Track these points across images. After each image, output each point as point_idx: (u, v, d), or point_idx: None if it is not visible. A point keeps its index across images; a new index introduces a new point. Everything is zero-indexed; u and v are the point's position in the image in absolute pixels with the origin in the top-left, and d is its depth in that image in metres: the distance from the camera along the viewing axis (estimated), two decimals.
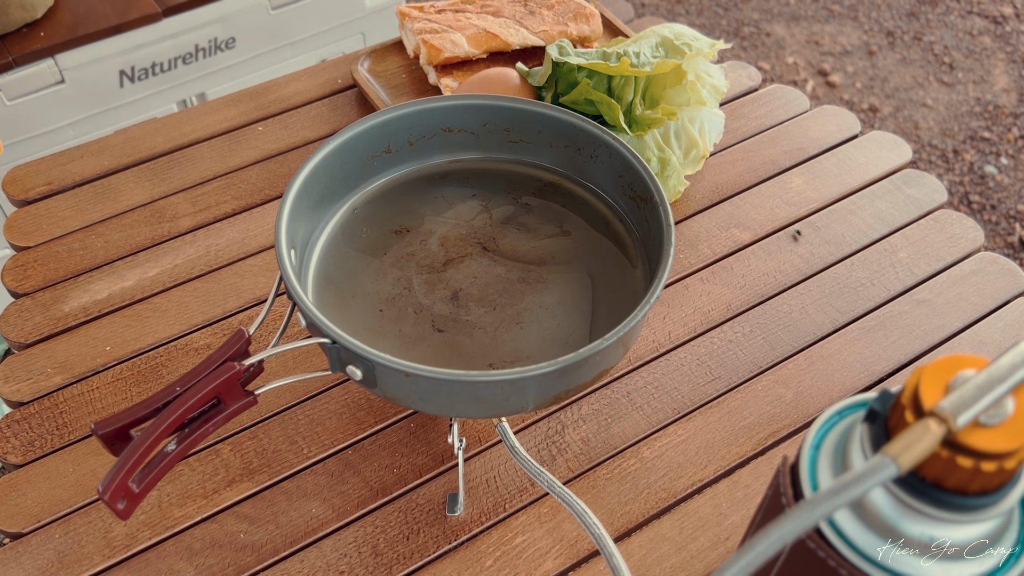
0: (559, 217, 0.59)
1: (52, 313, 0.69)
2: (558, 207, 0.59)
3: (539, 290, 0.54)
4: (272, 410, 0.62)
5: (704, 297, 0.69)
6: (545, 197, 0.60)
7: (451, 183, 0.61)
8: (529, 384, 0.45)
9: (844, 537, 0.30)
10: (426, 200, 0.59)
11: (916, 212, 0.76)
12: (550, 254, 0.56)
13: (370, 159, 0.59)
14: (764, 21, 2.24)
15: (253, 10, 1.28)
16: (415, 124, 0.59)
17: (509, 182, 0.61)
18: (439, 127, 0.60)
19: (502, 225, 0.58)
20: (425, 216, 0.58)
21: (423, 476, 0.58)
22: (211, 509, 0.57)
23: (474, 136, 0.60)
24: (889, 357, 0.65)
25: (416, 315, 0.53)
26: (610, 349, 0.45)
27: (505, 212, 0.59)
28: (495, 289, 0.54)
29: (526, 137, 0.60)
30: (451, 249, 0.56)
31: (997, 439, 0.27)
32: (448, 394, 0.46)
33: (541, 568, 0.54)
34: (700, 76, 0.73)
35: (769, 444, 0.60)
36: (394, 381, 0.45)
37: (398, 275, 0.55)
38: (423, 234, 0.57)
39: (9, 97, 1.14)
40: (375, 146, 0.58)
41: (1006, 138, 1.92)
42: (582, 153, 0.59)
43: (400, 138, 0.59)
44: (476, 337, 0.51)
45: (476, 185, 0.60)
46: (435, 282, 0.54)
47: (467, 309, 0.53)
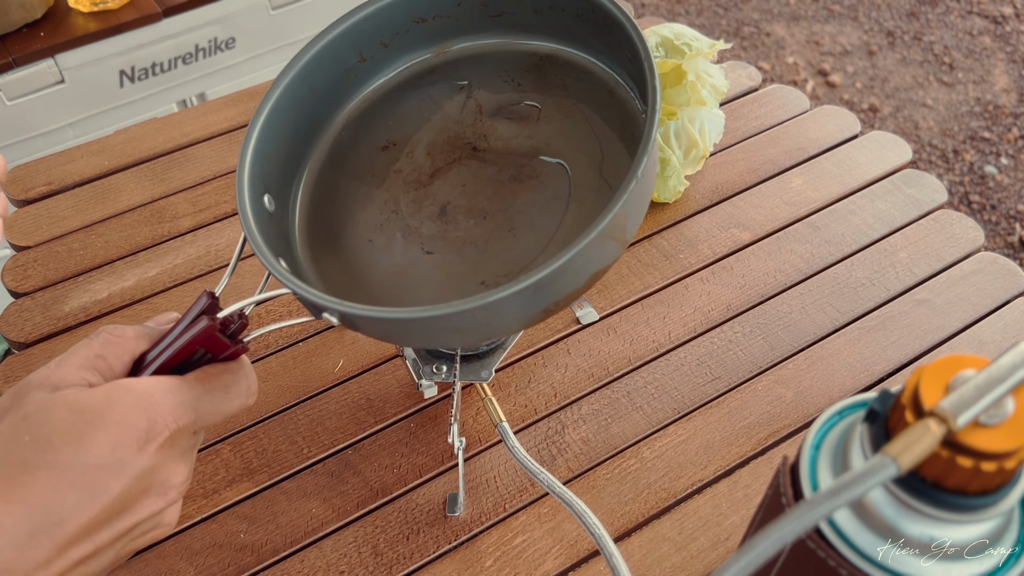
0: (556, 95, 0.52)
1: (52, 313, 0.69)
2: (555, 82, 0.52)
3: (533, 187, 0.49)
4: (272, 410, 0.62)
5: (704, 297, 0.69)
6: (540, 74, 0.53)
7: (438, 79, 0.54)
8: (504, 305, 0.40)
9: (844, 537, 0.30)
10: (412, 105, 0.54)
11: (916, 212, 0.76)
12: (545, 141, 0.50)
13: (345, 74, 0.53)
14: (764, 21, 2.24)
15: (253, 10, 1.28)
16: (382, 23, 0.52)
17: (498, 63, 0.54)
18: (410, 19, 0.53)
19: (493, 117, 0.52)
20: (412, 123, 0.53)
21: (423, 476, 0.58)
22: (211, 509, 0.57)
23: (451, 20, 0.54)
24: (889, 357, 0.65)
25: (404, 239, 0.49)
26: (593, 247, 0.39)
27: (496, 101, 0.53)
28: (485, 195, 0.49)
29: (506, 7, 0.53)
30: (438, 157, 0.51)
31: (997, 439, 0.27)
32: (423, 330, 0.42)
33: (541, 568, 0.54)
34: (700, 76, 0.73)
35: (769, 444, 0.60)
36: (366, 324, 0.42)
37: (385, 197, 0.51)
38: (410, 145, 0.52)
39: (9, 97, 1.15)
40: (346, 59, 0.52)
41: (1006, 138, 1.92)
42: (567, 13, 0.51)
43: (371, 43, 0.53)
44: (466, 254, 0.48)
45: (464, 75, 0.54)
46: (422, 198, 0.50)
47: (455, 224, 0.49)
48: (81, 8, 1.17)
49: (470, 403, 0.62)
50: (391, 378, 0.64)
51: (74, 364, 0.37)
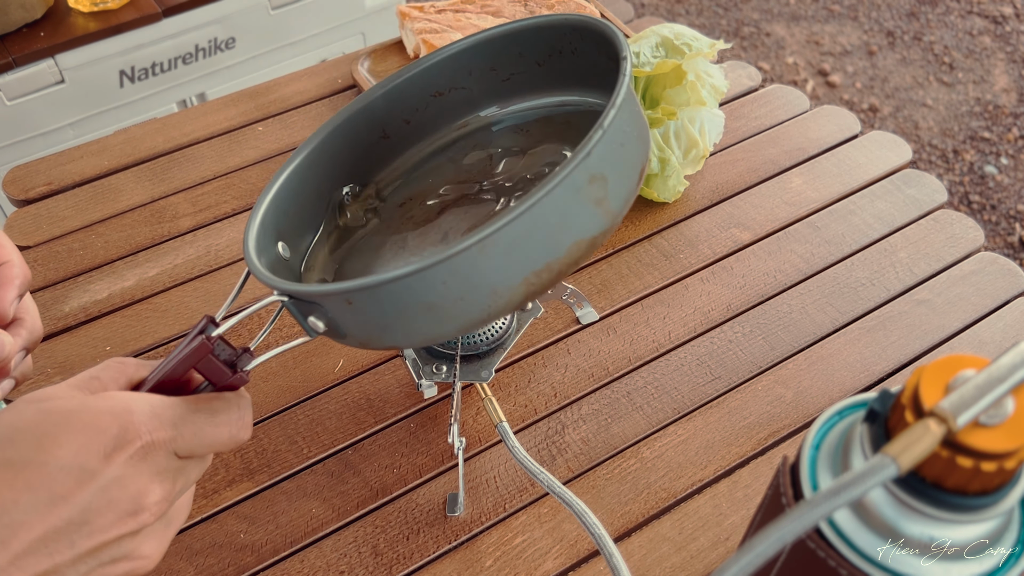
0: (560, 128, 0.54)
1: (52, 313, 0.69)
2: (560, 122, 0.55)
3: None
4: (272, 410, 0.62)
5: (704, 297, 0.69)
6: (547, 120, 0.56)
7: (460, 147, 0.57)
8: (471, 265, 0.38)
9: (844, 537, 0.30)
10: (432, 167, 0.57)
11: (916, 212, 0.76)
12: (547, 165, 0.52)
13: (368, 148, 0.56)
14: (764, 21, 2.24)
15: (253, 10, 1.28)
16: (398, 101, 0.55)
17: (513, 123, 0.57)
18: (427, 94, 0.56)
19: (502, 159, 0.55)
20: (429, 180, 0.56)
21: (423, 476, 0.58)
22: (211, 509, 0.57)
23: (467, 90, 0.56)
24: (889, 357, 0.65)
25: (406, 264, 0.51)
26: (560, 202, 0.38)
27: (505, 145, 0.55)
28: (485, 218, 0.51)
29: (513, 68, 0.55)
30: (448, 197, 0.54)
31: (997, 439, 0.27)
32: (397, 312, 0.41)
33: (541, 568, 0.54)
34: (700, 76, 0.73)
35: (769, 444, 0.60)
36: (347, 318, 0.42)
37: (396, 239, 0.53)
38: (425, 196, 0.55)
39: (9, 97, 1.15)
40: (368, 136, 0.55)
41: (1006, 138, 1.92)
42: (564, 55, 0.53)
43: (392, 120, 0.56)
44: None
45: (482, 139, 0.57)
46: (428, 232, 0.52)
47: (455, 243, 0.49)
48: (81, 8, 1.17)
49: (470, 403, 0.62)
50: (391, 378, 0.64)
51: (68, 383, 0.35)
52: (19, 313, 0.45)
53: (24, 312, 0.46)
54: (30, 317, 0.46)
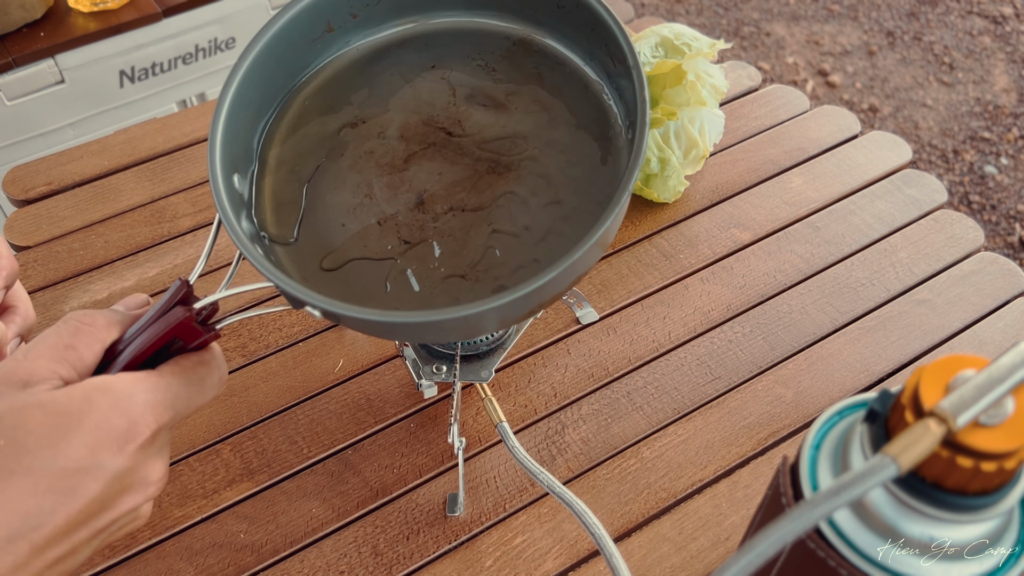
0: (530, 82, 0.51)
1: (52, 313, 0.69)
2: (528, 70, 0.51)
3: (511, 181, 0.48)
4: (272, 410, 0.62)
5: (704, 297, 0.69)
6: (514, 60, 0.52)
7: (407, 53, 0.53)
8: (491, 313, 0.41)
9: (844, 537, 0.30)
10: (381, 79, 0.52)
11: (916, 212, 0.76)
12: (521, 134, 0.50)
13: (311, 43, 0.51)
14: (764, 21, 2.24)
15: (253, 10, 1.28)
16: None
17: (472, 44, 0.53)
18: None
19: (467, 101, 0.51)
20: (382, 101, 0.52)
21: (423, 476, 0.58)
22: (211, 509, 0.57)
23: None
24: (889, 357, 0.65)
25: (380, 227, 0.48)
26: (579, 261, 0.41)
27: (470, 84, 0.52)
28: (462, 186, 0.49)
29: None
30: (412, 141, 0.50)
31: (997, 439, 0.27)
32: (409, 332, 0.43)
33: (541, 568, 0.54)
34: (700, 76, 0.73)
35: (769, 444, 0.60)
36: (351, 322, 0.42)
37: (357, 180, 0.49)
38: (381, 124, 0.51)
39: (9, 97, 1.15)
40: (314, 27, 0.51)
41: (1006, 138, 1.92)
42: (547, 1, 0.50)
43: (340, 13, 0.51)
44: (445, 247, 0.47)
45: (435, 52, 0.53)
46: (397, 184, 0.49)
47: (433, 215, 0.48)
48: (81, 8, 1.17)
49: (470, 403, 0.62)
50: (391, 378, 0.64)
51: (43, 356, 0.36)
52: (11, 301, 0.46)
53: (16, 300, 0.46)
54: (23, 305, 0.47)
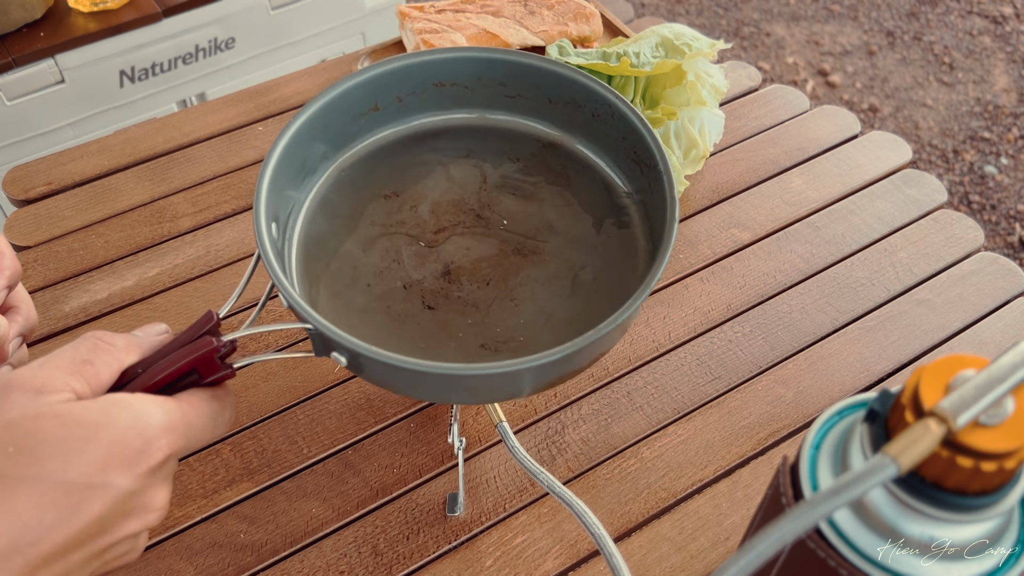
0: (558, 181, 0.55)
1: (52, 313, 0.69)
2: (557, 169, 0.56)
3: (535, 263, 0.52)
4: (272, 410, 0.62)
5: (704, 297, 0.69)
6: (543, 158, 0.56)
7: (444, 141, 0.57)
8: (522, 375, 0.43)
9: (844, 537, 0.30)
10: (417, 161, 0.56)
11: (916, 212, 0.76)
12: (546, 223, 0.53)
13: (357, 118, 0.55)
14: (764, 21, 2.24)
15: (253, 10, 1.28)
16: (405, 79, 0.55)
17: (505, 141, 0.57)
18: (430, 81, 0.56)
19: (497, 189, 0.55)
20: (416, 179, 0.55)
21: (423, 476, 0.58)
22: (211, 509, 0.57)
23: (468, 91, 0.57)
24: (889, 357, 0.65)
25: (406, 291, 0.50)
26: (608, 335, 0.43)
27: (500, 174, 0.56)
28: (488, 263, 0.52)
29: (524, 92, 0.56)
30: (443, 217, 0.53)
31: (997, 439, 0.27)
32: (436, 384, 0.44)
33: (541, 568, 0.54)
34: (700, 76, 0.73)
35: (769, 444, 0.60)
36: (378, 370, 0.43)
37: (387, 245, 0.52)
38: (413, 199, 0.54)
39: (9, 97, 1.14)
40: (362, 104, 0.54)
41: (1006, 138, 1.92)
42: (583, 111, 0.55)
43: (388, 94, 0.55)
44: (468, 315, 0.49)
45: (470, 144, 0.57)
46: (425, 254, 0.52)
47: (459, 285, 0.51)
48: (81, 8, 1.17)
49: None
50: None
51: (59, 367, 0.35)
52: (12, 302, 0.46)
53: (18, 301, 0.46)
54: (24, 306, 0.47)
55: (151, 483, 0.35)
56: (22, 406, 0.33)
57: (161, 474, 0.35)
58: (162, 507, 0.36)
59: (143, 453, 0.34)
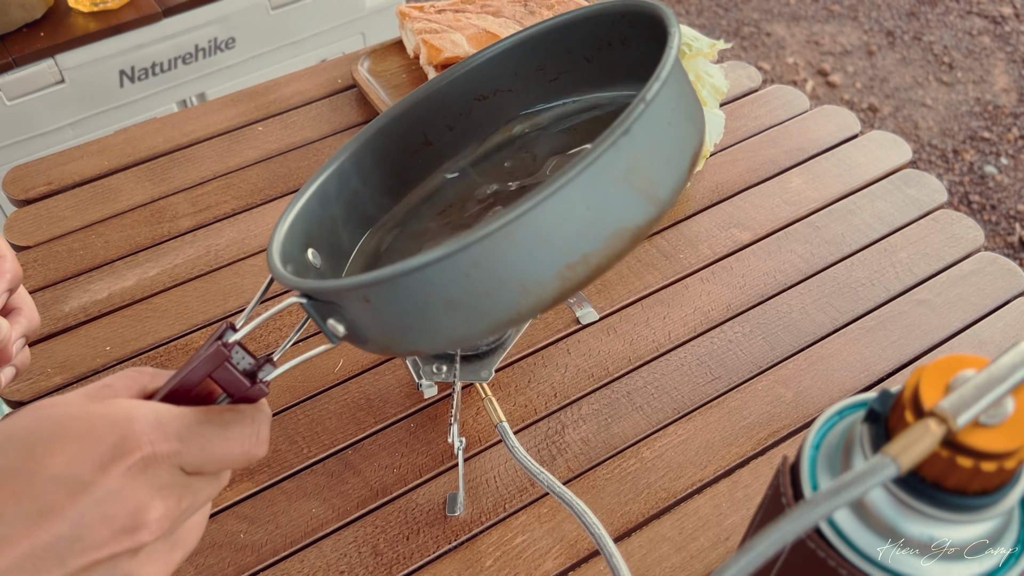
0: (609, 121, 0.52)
1: (52, 313, 0.69)
2: (609, 118, 0.50)
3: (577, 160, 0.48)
4: (272, 410, 0.62)
5: (704, 297, 0.69)
6: (598, 121, 0.52)
7: (505, 151, 0.54)
8: (495, 255, 0.35)
9: (844, 537, 0.30)
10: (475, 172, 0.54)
11: (916, 212, 0.76)
12: None
13: (410, 156, 0.53)
14: (764, 21, 2.24)
15: (253, 10, 1.28)
16: (442, 105, 0.53)
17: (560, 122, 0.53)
18: (471, 98, 0.53)
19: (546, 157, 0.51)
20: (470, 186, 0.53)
21: (423, 476, 0.58)
22: (211, 509, 0.57)
23: (512, 92, 0.53)
24: (889, 357, 0.65)
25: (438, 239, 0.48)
26: (597, 184, 0.35)
27: (551, 145, 0.52)
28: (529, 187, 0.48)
29: (560, 66, 0.52)
30: (486, 200, 0.50)
31: (997, 439, 0.27)
32: (418, 310, 0.38)
33: (541, 568, 0.54)
34: (700, 76, 0.73)
35: (769, 444, 0.60)
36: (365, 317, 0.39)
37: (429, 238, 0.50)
38: (464, 199, 0.52)
39: (9, 97, 1.15)
40: (410, 141, 0.53)
41: (1006, 138, 1.92)
42: (614, 47, 0.50)
43: (435, 126, 0.53)
44: None
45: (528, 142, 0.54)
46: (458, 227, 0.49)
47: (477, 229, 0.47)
48: (81, 8, 1.17)
49: (470, 403, 0.62)
50: (391, 378, 0.64)
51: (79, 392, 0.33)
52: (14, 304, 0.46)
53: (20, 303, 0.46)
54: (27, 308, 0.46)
55: (133, 487, 0.30)
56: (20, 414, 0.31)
57: (148, 479, 0.31)
58: (156, 522, 0.31)
59: (117, 448, 0.30)
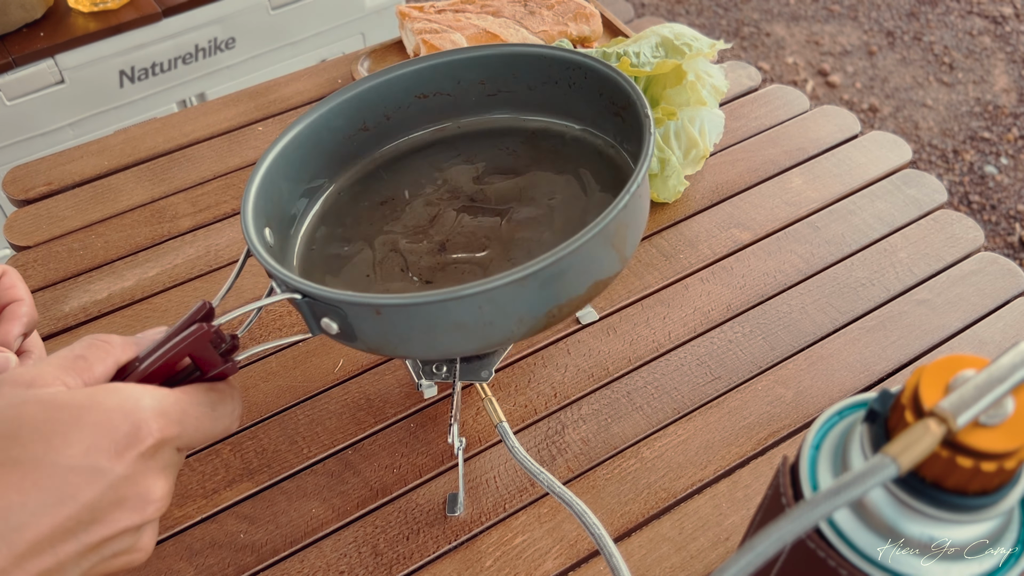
0: (548, 157, 0.56)
1: (52, 313, 0.69)
2: (547, 148, 0.57)
3: (529, 225, 0.52)
4: (272, 410, 0.62)
5: (704, 297, 0.69)
6: (533, 142, 0.57)
7: (437, 150, 0.59)
8: (508, 296, 0.41)
9: (844, 537, 0.30)
10: (412, 169, 0.58)
11: (916, 212, 0.76)
12: (541, 192, 0.54)
13: (347, 139, 0.57)
14: (764, 21, 2.24)
15: (253, 10, 1.28)
16: (385, 96, 0.56)
17: (495, 137, 0.58)
18: (411, 94, 0.57)
19: (489, 175, 0.56)
20: (411, 183, 0.57)
21: (423, 476, 0.58)
22: (211, 509, 0.57)
23: (450, 97, 0.58)
24: (889, 357, 0.65)
25: (403, 272, 0.51)
26: (594, 247, 0.42)
27: (492, 163, 0.57)
28: (483, 233, 0.52)
29: (502, 86, 0.57)
30: (437, 206, 0.55)
31: (997, 439, 0.27)
32: (425, 326, 0.43)
33: (541, 568, 0.54)
34: (700, 76, 0.73)
35: (769, 444, 0.60)
36: (368, 325, 0.43)
37: (383, 239, 0.53)
38: (409, 199, 0.56)
39: (9, 97, 1.15)
40: (350, 124, 0.56)
41: (1006, 138, 1.92)
42: (560, 85, 0.55)
43: (375, 113, 0.57)
44: (466, 280, 0.49)
45: (461, 147, 0.58)
46: (420, 238, 0.53)
47: (455, 256, 0.51)
48: (81, 8, 1.17)
49: (470, 403, 0.62)
50: (391, 378, 0.64)
51: (52, 363, 0.34)
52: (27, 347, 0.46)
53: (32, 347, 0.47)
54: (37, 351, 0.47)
55: (144, 470, 0.33)
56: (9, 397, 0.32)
57: (156, 462, 0.34)
58: (161, 499, 0.34)
59: (132, 436, 0.32)
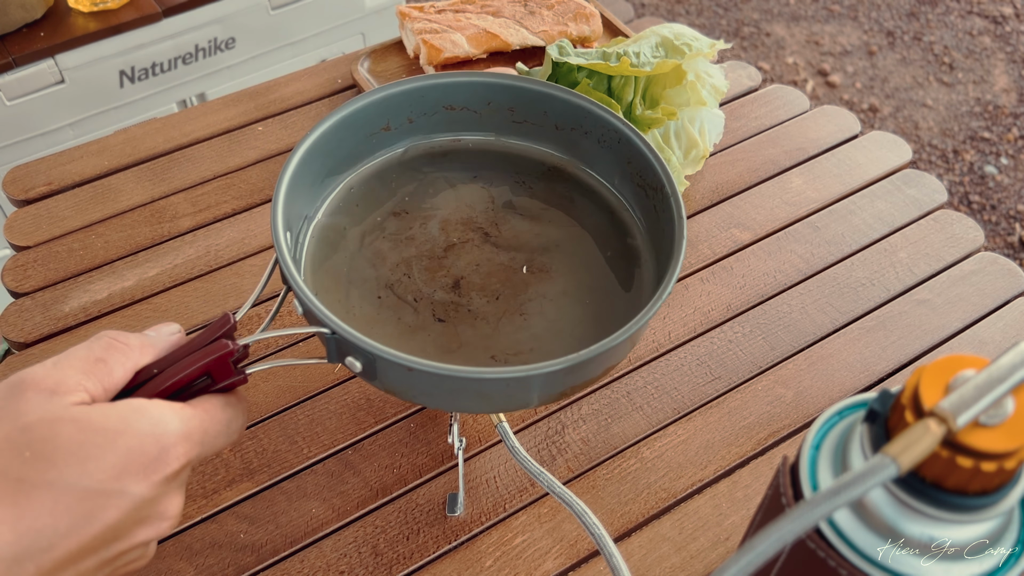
0: (563, 203, 0.57)
1: (52, 313, 0.69)
2: (562, 192, 0.58)
3: (542, 280, 0.53)
4: (272, 410, 0.62)
5: (704, 297, 0.69)
6: (549, 181, 0.58)
7: (452, 163, 0.59)
8: (536, 381, 0.44)
9: (844, 537, 0.30)
10: (426, 180, 0.58)
11: (916, 212, 0.76)
12: (554, 242, 0.55)
13: (368, 137, 0.57)
14: (764, 21, 2.24)
15: (253, 10, 1.28)
16: (416, 100, 0.57)
17: (512, 164, 0.59)
18: (441, 104, 0.58)
19: (504, 210, 0.57)
20: (425, 197, 0.57)
21: (423, 476, 0.58)
22: (211, 509, 0.57)
23: (476, 115, 0.59)
24: (889, 357, 0.65)
25: (416, 303, 0.51)
26: (618, 347, 0.45)
27: (507, 195, 0.57)
28: (497, 278, 0.53)
29: (531, 118, 0.58)
30: (452, 234, 0.55)
31: (997, 439, 0.27)
32: (451, 390, 0.45)
33: (541, 568, 0.54)
34: (700, 76, 0.73)
35: (769, 444, 0.60)
36: (395, 375, 0.44)
37: (397, 260, 0.53)
38: (423, 216, 0.56)
39: (9, 97, 1.14)
40: (373, 123, 0.56)
41: (1006, 138, 1.92)
42: (589, 137, 0.57)
43: (399, 115, 0.57)
44: (478, 328, 0.50)
45: (478, 166, 0.59)
46: (435, 268, 0.53)
47: (469, 298, 0.52)
48: (81, 8, 1.17)
49: None
50: None
51: (73, 367, 0.35)
52: None
53: None
54: None
55: (166, 491, 0.35)
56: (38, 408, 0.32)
57: (176, 482, 0.35)
58: (176, 515, 0.36)
59: (160, 461, 0.34)
